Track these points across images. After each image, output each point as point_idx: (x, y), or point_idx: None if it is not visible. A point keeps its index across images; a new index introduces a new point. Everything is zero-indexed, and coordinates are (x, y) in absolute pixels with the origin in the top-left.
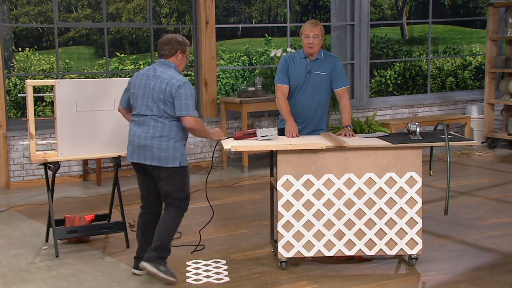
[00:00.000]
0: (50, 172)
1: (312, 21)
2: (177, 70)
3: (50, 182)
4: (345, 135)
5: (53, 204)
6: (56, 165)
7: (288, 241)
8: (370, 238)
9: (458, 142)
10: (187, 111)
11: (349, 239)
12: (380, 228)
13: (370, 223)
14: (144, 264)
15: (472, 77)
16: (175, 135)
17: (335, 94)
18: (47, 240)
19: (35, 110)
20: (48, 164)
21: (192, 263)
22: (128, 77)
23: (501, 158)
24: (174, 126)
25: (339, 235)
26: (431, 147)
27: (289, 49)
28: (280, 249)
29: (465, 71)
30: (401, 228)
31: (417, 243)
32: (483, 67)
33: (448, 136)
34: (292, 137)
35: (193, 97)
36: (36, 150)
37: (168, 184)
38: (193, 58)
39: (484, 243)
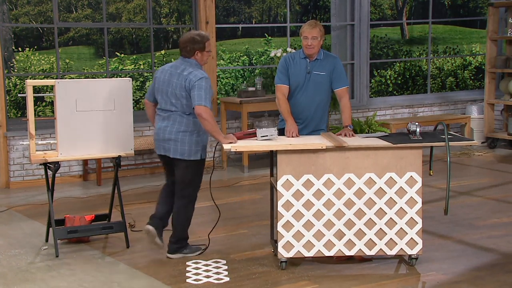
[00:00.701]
0: (50, 172)
1: (311, 22)
2: (199, 66)
3: (50, 182)
4: (345, 135)
5: (53, 204)
6: (56, 165)
7: (288, 241)
8: (370, 238)
9: (458, 142)
10: (199, 100)
11: (349, 239)
12: (380, 228)
13: (370, 223)
14: (171, 256)
15: (472, 77)
16: (198, 131)
17: (335, 94)
18: (47, 240)
19: (35, 110)
20: (48, 164)
21: (192, 263)
22: (129, 76)
23: (501, 158)
24: (198, 122)
25: (339, 235)
26: (431, 147)
27: (289, 49)
28: (280, 249)
29: (465, 71)
30: (401, 228)
31: (417, 243)
32: (483, 67)
33: (448, 136)
34: (292, 137)
35: (209, 91)
36: (36, 150)
37: (184, 175)
38: None
39: (484, 243)
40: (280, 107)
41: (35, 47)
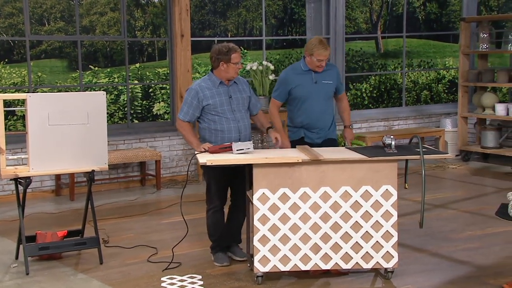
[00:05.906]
0: (21, 188)
1: (322, 43)
2: (211, 77)
3: (21, 197)
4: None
5: (24, 220)
6: (28, 180)
7: (264, 255)
8: (346, 252)
9: (433, 155)
10: (179, 112)
11: (325, 252)
12: (356, 242)
13: (346, 237)
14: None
15: (446, 91)
16: (204, 138)
17: (336, 99)
18: (17, 258)
19: (5, 124)
20: (19, 179)
21: (167, 278)
22: (103, 90)
23: (474, 171)
24: (201, 129)
25: (315, 249)
26: (406, 160)
27: (264, 62)
28: (256, 264)
29: (439, 85)
30: (377, 241)
31: (393, 257)
32: (456, 80)
33: (423, 149)
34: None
35: (188, 101)
36: (7, 165)
37: None
38: (168, 71)
39: (459, 255)
40: (275, 119)
41: (6, 60)
